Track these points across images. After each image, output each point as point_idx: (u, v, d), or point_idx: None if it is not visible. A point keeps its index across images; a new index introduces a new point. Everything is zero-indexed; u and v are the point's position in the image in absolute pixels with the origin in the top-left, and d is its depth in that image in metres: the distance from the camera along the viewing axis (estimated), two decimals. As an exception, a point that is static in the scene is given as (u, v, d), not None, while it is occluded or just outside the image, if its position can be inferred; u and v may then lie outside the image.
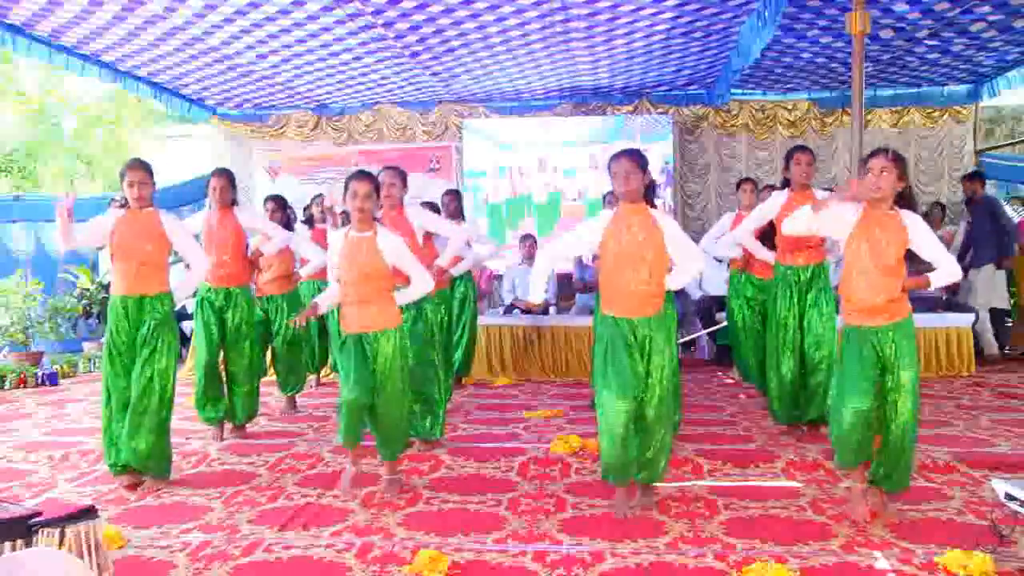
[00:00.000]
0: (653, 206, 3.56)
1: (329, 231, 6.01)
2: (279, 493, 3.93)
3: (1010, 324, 8.40)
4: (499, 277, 8.91)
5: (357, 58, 7.76)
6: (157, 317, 4.04)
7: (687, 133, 9.86)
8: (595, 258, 4.14)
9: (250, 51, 7.43)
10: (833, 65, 8.28)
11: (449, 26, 6.73)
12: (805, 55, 7.97)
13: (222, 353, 5.06)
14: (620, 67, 8.42)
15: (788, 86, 9.39)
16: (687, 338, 7.72)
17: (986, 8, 6.43)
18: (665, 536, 3.27)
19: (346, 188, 3.80)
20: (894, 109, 9.61)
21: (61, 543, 2.51)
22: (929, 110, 9.57)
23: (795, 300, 4.70)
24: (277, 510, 3.68)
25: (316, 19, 6.52)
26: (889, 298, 3.34)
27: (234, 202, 5.10)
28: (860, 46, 4.58)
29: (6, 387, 7.15)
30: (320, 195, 6.97)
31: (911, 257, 3.41)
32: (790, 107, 9.71)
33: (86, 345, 8.64)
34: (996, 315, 8.10)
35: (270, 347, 5.85)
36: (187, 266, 4.41)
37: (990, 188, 9.33)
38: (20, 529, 2.49)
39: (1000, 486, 3.15)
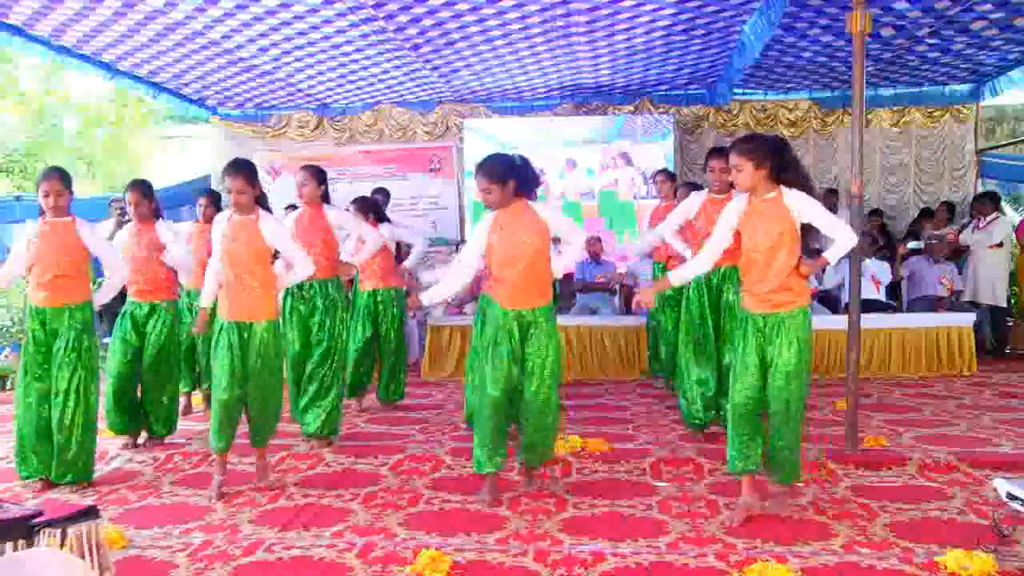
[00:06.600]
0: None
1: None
2: (280, 493, 3.94)
3: (1010, 324, 8.40)
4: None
5: (359, 50, 7.74)
6: None
7: (688, 133, 9.85)
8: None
9: (251, 44, 7.42)
10: (834, 64, 8.27)
11: (450, 19, 6.73)
12: (806, 54, 7.96)
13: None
14: (621, 64, 8.40)
15: (789, 86, 9.38)
16: None
17: (987, 6, 6.42)
18: (666, 536, 3.27)
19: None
20: (895, 108, 9.58)
21: (63, 543, 2.50)
22: (930, 109, 9.55)
23: (708, 301, 4.59)
24: (278, 510, 3.69)
25: (317, 12, 6.52)
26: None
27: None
28: (860, 45, 4.54)
29: (6, 387, 7.15)
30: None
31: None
32: (791, 107, 9.69)
33: (87, 345, 8.61)
34: (996, 313, 8.10)
35: None
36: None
37: (991, 187, 9.33)
38: (22, 529, 2.49)
39: (1002, 486, 3.14)
